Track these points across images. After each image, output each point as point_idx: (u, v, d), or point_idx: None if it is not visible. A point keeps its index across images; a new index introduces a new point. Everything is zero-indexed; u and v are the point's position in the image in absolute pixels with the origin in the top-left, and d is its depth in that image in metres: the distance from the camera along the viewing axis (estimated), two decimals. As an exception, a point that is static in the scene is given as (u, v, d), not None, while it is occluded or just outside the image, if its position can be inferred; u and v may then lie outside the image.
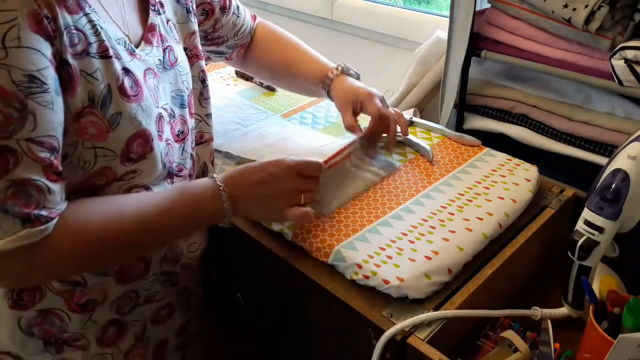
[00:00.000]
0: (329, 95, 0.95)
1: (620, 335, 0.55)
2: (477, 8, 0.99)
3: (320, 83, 0.95)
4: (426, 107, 1.30)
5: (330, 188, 0.81)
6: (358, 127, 0.90)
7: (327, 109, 1.13)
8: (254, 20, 1.01)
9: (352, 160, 0.87)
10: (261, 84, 1.23)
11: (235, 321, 1.01)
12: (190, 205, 0.70)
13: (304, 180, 0.73)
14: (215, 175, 0.72)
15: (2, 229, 0.56)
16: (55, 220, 0.59)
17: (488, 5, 1.03)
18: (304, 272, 0.74)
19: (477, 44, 1.02)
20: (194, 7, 0.84)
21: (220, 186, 0.70)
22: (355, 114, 0.91)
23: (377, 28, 1.48)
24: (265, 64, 1.01)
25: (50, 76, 0.56)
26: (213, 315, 1.01)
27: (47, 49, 0.56)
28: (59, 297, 0.70)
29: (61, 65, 0.58)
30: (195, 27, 0.83)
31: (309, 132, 1.03)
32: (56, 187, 0.59)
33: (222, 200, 0.70)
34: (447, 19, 1.03)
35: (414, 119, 1.04)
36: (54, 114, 0.57)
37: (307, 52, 0.99)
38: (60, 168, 0.59)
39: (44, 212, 0.57)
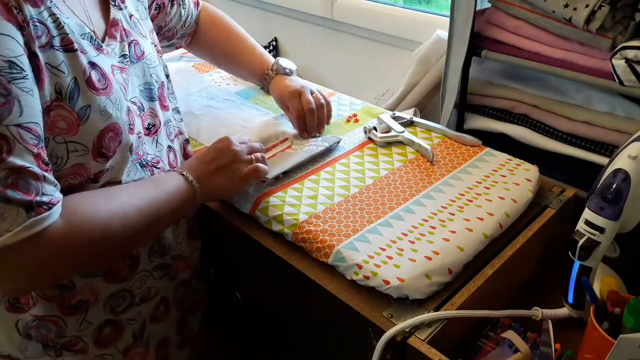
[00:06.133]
0: (268, 93, 1.07)
1: (621, 335, 0.55)
2: (478, 8, 0.99)
3: (260, 82, 1.06)
4: (426, 107, 1.30)
5: (276, 162, 0.91)
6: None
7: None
8: (197, 6, 1.06)
9: (293, 147, 0.97)
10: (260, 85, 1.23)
11: (235, 321, 1.01)
12: (167, 193, 0.73)
13: (245, 148, 0.84)
14: (175, 168, 0.81)
15: (7, 220, 0.55)
16: (58, 206, 0.59)
17: (488, 5, 1.03)
18: (304, 273, 0.74)
19: (478, 43, 1.02)
20: (147, 5, 0.86)
21: (183, 172, 0.77)
22: None
23: (377, 28, 1.48)
24: (208, 50, 1.10)
25: (26, 63, 0.57)
26: (213, 315, 1.01)
27: (19, 38, 0.57)
28: (51, 303, 0.70)
29: (30, 56, 0.58)
30: (151, 24, 0.86)
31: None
32: (49, 176, 0.59)
33: (189, 182, 0.76)
34: (448, 19, 1.03)
35: (414, 118, 1.04)
36: (34, 101, 0.58)
37: (248, 43, 1.07)
38: (47, 159, 0.59)
39: (45, 199, 0.57)
